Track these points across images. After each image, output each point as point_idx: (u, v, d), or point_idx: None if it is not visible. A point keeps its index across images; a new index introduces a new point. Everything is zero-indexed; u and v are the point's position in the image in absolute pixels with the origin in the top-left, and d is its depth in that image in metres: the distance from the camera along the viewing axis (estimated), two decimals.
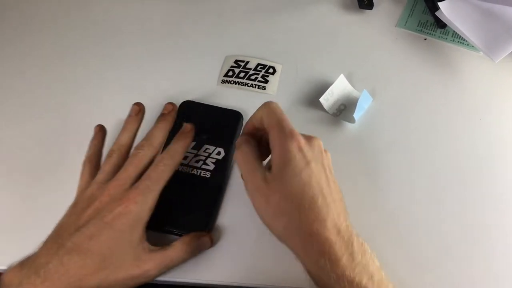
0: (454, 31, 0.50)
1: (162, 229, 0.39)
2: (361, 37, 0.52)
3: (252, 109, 0.46)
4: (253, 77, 0.48)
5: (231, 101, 0.47)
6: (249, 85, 0.48)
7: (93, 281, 0.32)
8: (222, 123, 0.44)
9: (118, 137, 0.40)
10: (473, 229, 0.40)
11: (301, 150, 0.33)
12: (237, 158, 0.36)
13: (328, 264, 0.31)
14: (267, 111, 0.35)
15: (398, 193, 0.42)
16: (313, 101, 0.47)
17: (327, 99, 0.46)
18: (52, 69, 0.50)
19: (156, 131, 0.39)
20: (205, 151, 0.42)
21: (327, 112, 0.46)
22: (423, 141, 0.45)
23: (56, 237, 0.34)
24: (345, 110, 0.46)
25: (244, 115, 0.45)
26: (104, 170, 0.37)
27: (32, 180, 0.43)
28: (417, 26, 0.53)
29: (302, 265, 0.33)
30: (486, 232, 0.40)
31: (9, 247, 0.39)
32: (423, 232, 0.40)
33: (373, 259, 0.32)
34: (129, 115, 0.41)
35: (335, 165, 0.43)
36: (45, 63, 0.51)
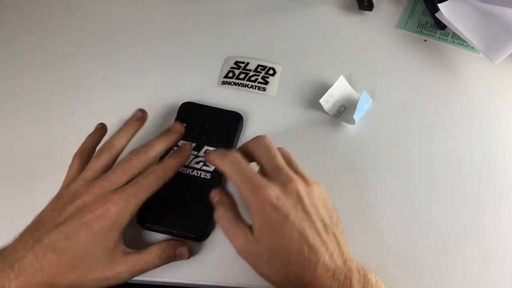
0: (454, 32, 0.50)
1: (162, 229, 0.39)
2: (361, 38, 0.52)
3: (252, 110, 0.46)
4: (253, 78, 0.48)
5: (231, 103, 0.47)
6: (249, 86, 0.48)
7: (66, 279, 0.33)
8: (222, 124, 0.44)
9: (112, 137, 0.39)
10: (473, 229, 0.40)
11: (274, 207, 0.32)
12: (218, 222, 0.35)
13: None
14: (229, 168, 0.34)
15: (397, 194, 0.42)
16: (313, 102, 0.47)
17: (327, 101, 0.46)
18: (52, 69, 0.50)
19: (157, 143, 0.38)
20: (205, 152, 0.42)
21: (327, 114, 0.46)
22: (423, 142, 0.45)
23: (34, 230, 0.34)
24: (345, 111, 0.46)
25: (244, 116, 0.45)
26: (91, 167, 0.37)
27: (32, 180, 0.43)
28: (417, 27, 0.53)
29: None
30: (486, 232, 0.40)
31: None
32: (423, 233, 0.40)
33: None
34: (130, 118, 0.41)
35: (336, 165, 0.43)
36: (45, 63, 0.51)
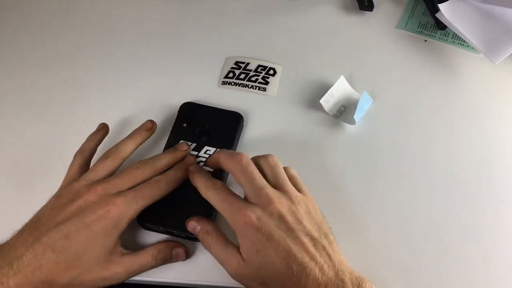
0: (454, 32, 0.50)
1: (162, 229, 0.39)
2: (361, 39, 0.52)
3: (252, 110, 0.46)
4: (253, 78, 0.48)
5: (231, 103, 0.47)
6: (249, 86, 0.48)
7: (64, 278, 0.33)
8: (223, 124, 0.44)
9: (120, 143, 0.40)
10: (473, 230, 0.40)
11: (256, 228, 0.32)
12: (208, 251, 0.35)
13: None
14: (212, 198, 0.35)
15: (397, 194, 0.42)
16: (313, 102, 0.47)
17: (327, 101, 0.46)
18: (52, 69, 0.50)
19: (165, 158, 0.39)
20: (205, 152, 0.42)
21: (328, 114, 0.46)
22: (423, 142, 0.45)
23: (33, 228, 0.34)
24: (345, 111, 0.46)
25: (244, 116, 0.45)
26: (95, 169, 0.37)
27: (32, 181, 0.43)
28: (417, 28, 0.53)
29: None
30: (486, 233, 0.40)
31: None
32: (423, 233, 0.40)
33: None
34: (139, 127, 0.41)
35: (336, 166, 0.43)
36: (45, 63, 0.51)
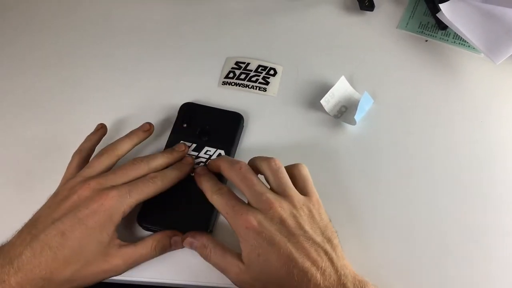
0: (455, 32, 0.50)
1: (162, 230, 0.39)
2: (362, 39, 0.52)
3: (253, 110, 0.46)
4: (254, 78, 0.48)
5: (232, 103, 0.46)
6: (250, 86, 0.48)
7: (64, 274, 0.33)
8: (223, 124, 0.44)
9: (117, 141, 0.40)
10: (473, 230, 0.40)
11: (257, 232, 0.33)
12: (209, 262, 0.36)
13: None
14: (216, 202, 0.36)
15: (398, 194, 0.42)
16: (314, 102, 0.47)
17: (328, 101, 0.46)
18: (52, 69, 0.50)
19: (162, 157, 0.39)
20: (206, 153, 0.42)
21: (328, 114, 0.46)
22: (424, 142, 0.45)
23: (31, 227, 0.34)
24: (346, 112, 0.46)
25: (245, 116, 0.45)
26: (91, 165, 0.38)
27: (31, 180, 0.43)
28: (418, 28, 0.53)
29: None
30: (485, 233, 0.40)
31: None
32: (423, 234, 0.40)
33: None
34: (137, 128, 0.42)
35: (336, 166, 0.43)
36: (45, 63, 0.51)
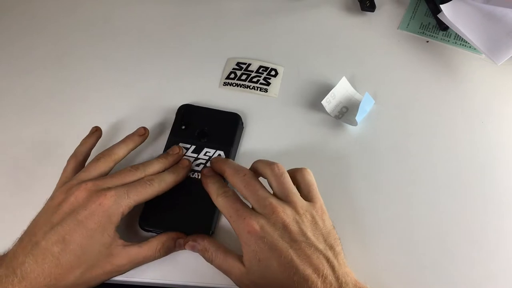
0: (456, 33, 0.50)
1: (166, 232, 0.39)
2: (363, 40, 0.52)
3: (254, 111, 0.46)
4: (255, 79, 0.48)
5: (233, 104, 0.46)
6: (251, 87, 0.48)
7: (68, 279, 0.33)
8: (221, 125, 0.43)
9: (113, 146, 0.40)
10: (474, 231, 0.40)
11: (259, 237, 0.33)
12: (212, 264, 0.36)
13: None
14: (220, 204, 0.36)
15: (399, 195, 0.42)
16: (315, 103, 0.47)
17: (329, 102, 0.45)
18: (52, 69, 0.50)
19: (157, 163, 0.39)
20: (205, 154, 0.42)
21: (329, 115, 0.46)
22: (425, 143, 0.45)
23: (31, 234, 0.34)
24: (347, 112, 0.46)
25: (246, 117, 0.45)
26: (88, 170, 0.37)
27: (31, 181, 0.43)
28: (419, 28, 0.52)
29: None
30: (486, 234, 0.40)
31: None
32: (423, 235, 0.40)
33: None
34: (132, 133, 0.42)
35: (337, 167, 0.43)
36: (45, 63, 0.51)
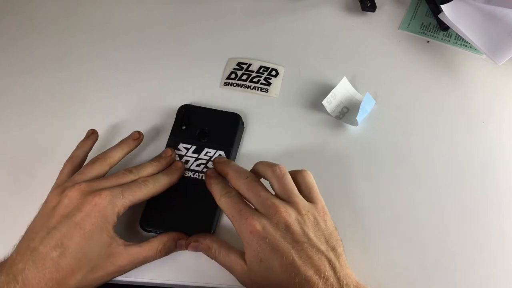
0: (456, 33, 0.50)
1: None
2: (363, 40, 0.52)
3: (254, 111, 0.46)
4: (255, 79, 0.48)
5: (233, 104, 0.46)
6: (251, 87, 0.48)
7: (71, 282, 0.33)
8: (221, 125, 0.43)
9: (108, 150, 0.40)
10: (474, 231, 0.40)
11: (261, 237, 0.33)
12: (215, 261, 0.36)
13: None
14: (223, 204, 0.36)
15: (399, 195, 0.42)
16: (315, 103, 0.47)
17: (330, 102, 0.45)
18: (51, 69, 0.50)
19: (150, 166, 0.39)
20: (206, 154, 0.42)
21: (330, 115, 0.46)
22: (425, 143, 0.45)
23: (28, 240, 0.34)
24: (347, 112, 0.46)
25: (246, 117, 0.45)
26: (83, 172, 0.37)
27: (31, 181, 0.43)
28: (420, 29, 0.52)
29: None
30: (486, 234, 0.40)
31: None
32: (424, 235, 0.40)
33: None
34: (127, 137, 0.42)
35: (338, 167, 0.43)
36: (45, 64, 0.51)
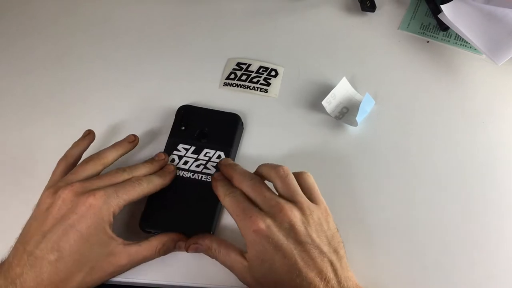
0: (456, 33, 0.50)
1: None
2: (363, 40, 0.52)
3: (254, 112, 0.46)
4: (255, 80, 0.48)
5: (233, 104, 0.46)
6: (251, 88, 0.48)
7: (71, 284, 0.33)
8: (221, 126, 0.43)
9: (102, 150, 0.39)
10: (474, 231, 0.40)
11: (265, 237, 0.33)
12: (217, 260, 0.36)
13: None
14: (227, 203, 0.36)
15: (399, 196, 0.42)
16: (315, 104, 0.47)
17: (330, 102, 0.45)
18: (52, 69, 0.50)
19: (143, 167, 0.39)
20: (205, 155, 0.42)
21: (329, 115, 0.46)
22: (425, 144, 0.45)
23: (24, 243, 0.33)
24: (347, 113, 0.46)
25: (246, 118, 0.45)
26: (76, 172, 0.37)
27: (31, 181, 0.43)
28: (420, 29, 0.52)
29: None
30: (487, 234, 0.40)
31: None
32: (424, 235, 0.40)
33: None
34: (122, 139, 0.41)
35: (337, 168, 0.43)
36: (45, 64, 0.51)
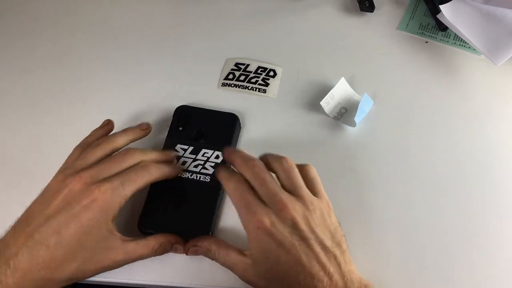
0: (455, 34, 0.50)
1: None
2: (362, 40, 0.52)
3: (252, 112, 0.46)
4: (253, 80, 0.48)
5: (231, 105, 0.46)
6: (249, 88, 0.48)
7: (64, 272, 0.33)
8: (218, 126, 0.43)
9: (112, 135, 0.39)
10: (474, 232, 0.40)
11: (269, 233, 0.32)
12: (216, 261, 0.36)
13: None
14: (232, 192, 0.35)
15: (399, 196, 0.42)
16: (313, 104, 0.47)
17: (328, 103, 0.45)
18: (52, 69, 0.50)
19: (155, 152, 0.39)
20: (203, 155, 0.42)
21: (328, 116, 0.46)
22: (424, 144, 0.44)
23: (25, 224, 0.33)
24: (346, 113, 0.46)
25: (244, 118, 0.45)
26: (85, 157, 0.36)
27: (30, 181, 0.42)
28: (419, 29, 0.52)
29: None
30: (486, 235, 0.40)
31: None
32: (423, 235, 0.40)
33: None
34: (134, 126, 0.41)
35: (336, 168, 0.43)
36: (45, 64, 0.51)
